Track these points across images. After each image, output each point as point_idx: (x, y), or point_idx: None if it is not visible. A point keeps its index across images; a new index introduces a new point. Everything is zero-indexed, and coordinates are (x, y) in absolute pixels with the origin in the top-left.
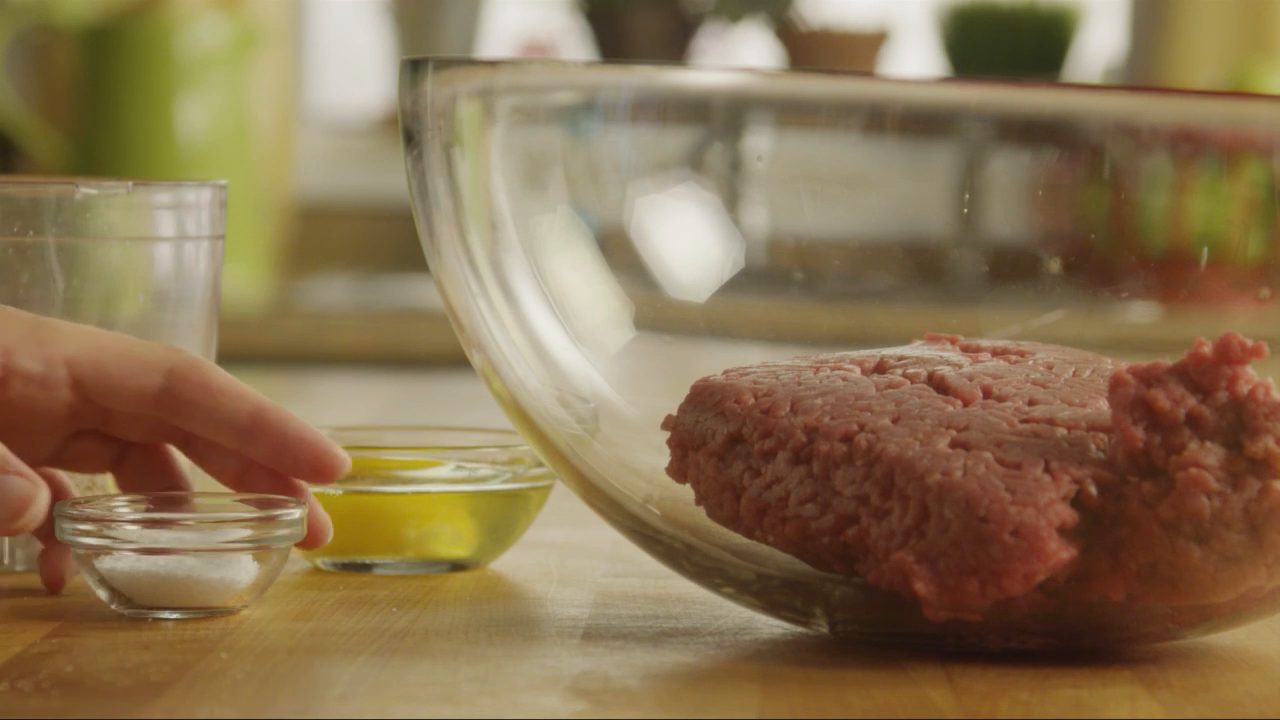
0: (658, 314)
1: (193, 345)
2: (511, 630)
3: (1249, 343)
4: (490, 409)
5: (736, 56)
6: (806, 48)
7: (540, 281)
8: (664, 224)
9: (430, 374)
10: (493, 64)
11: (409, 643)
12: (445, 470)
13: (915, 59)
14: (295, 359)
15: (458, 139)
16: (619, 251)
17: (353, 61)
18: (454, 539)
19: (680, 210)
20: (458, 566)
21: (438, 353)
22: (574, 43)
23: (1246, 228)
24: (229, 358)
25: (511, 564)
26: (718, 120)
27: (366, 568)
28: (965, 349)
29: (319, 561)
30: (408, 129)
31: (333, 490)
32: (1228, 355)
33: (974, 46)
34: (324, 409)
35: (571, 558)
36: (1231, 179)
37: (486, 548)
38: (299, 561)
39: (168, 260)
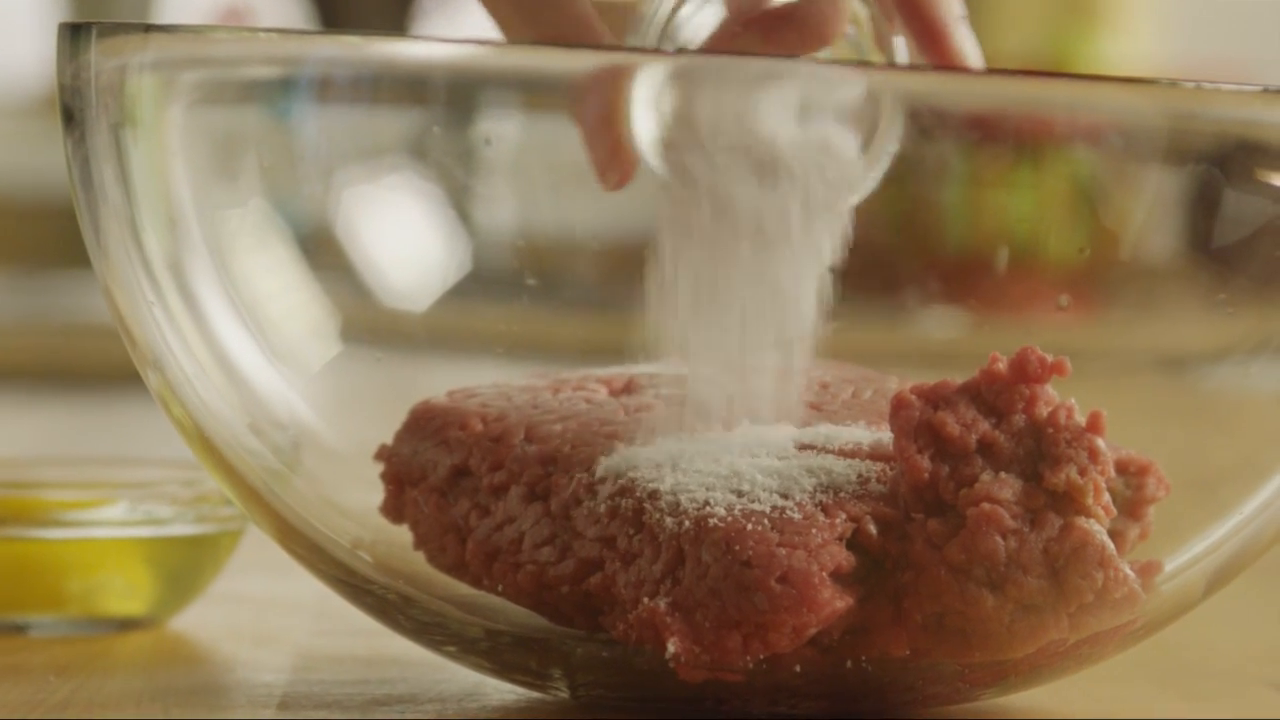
0: (369, 325)
1: None
2: (194, 699)
3: (1049, 358)
4: (170, 438)
5: (466, 24)
6: None
7: (229, 288)
8: (377, 220)
9: (100, 396)
10: (169, 31)
11: (70, 715)
12: (117, 511)
13: None
14: None
15: (129, 119)
16: (323, 252)
17: (6, 25)
18: (126, 592)
19: (396, 204)
20: (131, 625)
21: (109, 370)
22: (281, 6)
23: (1048, 226)
24: None
25: (195, 622)
26: (440, 99)
27: (20, 629)
28: None
29: None
30: (67, 106)
31: None
32: (1025, 373)
33: None
34: None
35: (267, 613)
36: (1031, 170)
37: (165, 602)
38: None
39: None
